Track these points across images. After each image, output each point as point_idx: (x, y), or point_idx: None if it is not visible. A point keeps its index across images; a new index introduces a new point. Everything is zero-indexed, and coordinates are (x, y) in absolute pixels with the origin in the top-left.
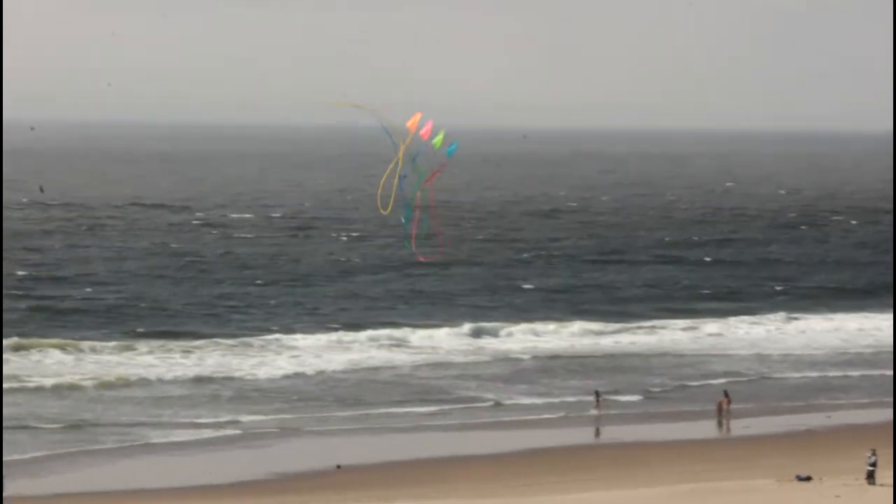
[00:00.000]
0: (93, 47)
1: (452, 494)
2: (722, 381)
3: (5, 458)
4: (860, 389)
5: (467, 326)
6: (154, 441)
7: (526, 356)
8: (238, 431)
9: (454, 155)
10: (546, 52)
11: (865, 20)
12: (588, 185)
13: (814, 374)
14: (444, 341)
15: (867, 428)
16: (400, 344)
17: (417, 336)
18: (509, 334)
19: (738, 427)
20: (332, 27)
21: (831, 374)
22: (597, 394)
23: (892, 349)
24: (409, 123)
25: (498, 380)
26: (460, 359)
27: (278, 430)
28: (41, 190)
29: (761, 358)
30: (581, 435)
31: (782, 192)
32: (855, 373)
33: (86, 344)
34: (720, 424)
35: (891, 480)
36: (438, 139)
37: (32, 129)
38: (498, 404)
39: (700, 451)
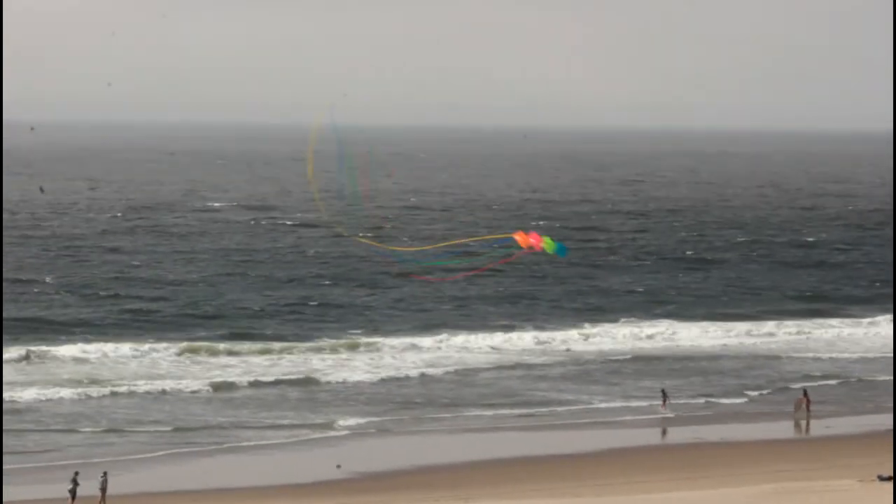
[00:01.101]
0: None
1: (532, 494)
2: (809, 384)
3: (104, 458)
4: None
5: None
6: (243, 444)
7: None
8: (320, 433)
9: (566, 254)
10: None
11: None
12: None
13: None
14: (528, 343)
15: None
16: (472, 347)
17: (496, 339)
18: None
19: (820, 427)
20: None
21: None
22: (664, 393)
23: None
24: (521, 242)
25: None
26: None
27: (360, 431)
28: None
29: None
30: (661, 435)
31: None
32: None
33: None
34: (798, 424)
35: None
36: (549, 245)
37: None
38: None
39: (781, 451)
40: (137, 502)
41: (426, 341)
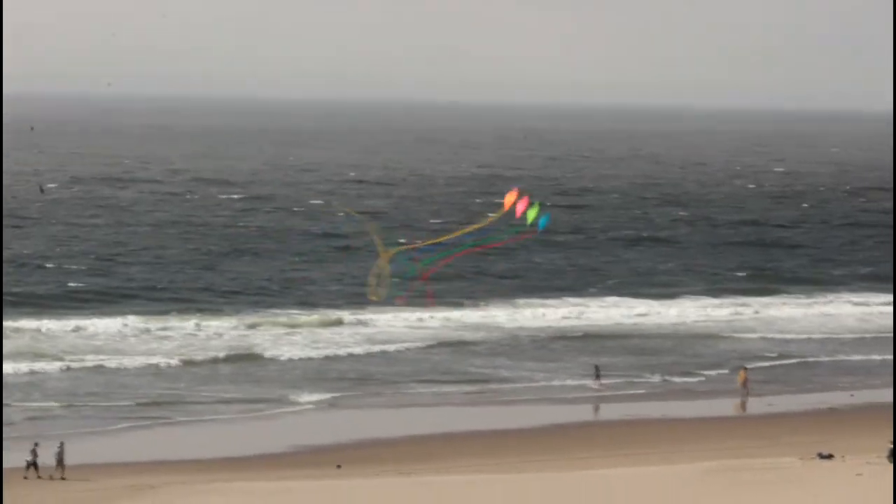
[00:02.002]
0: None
1: (475, 469)
2: (753, 364)
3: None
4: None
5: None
6: (181, 418)
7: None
8: (268, 409)
9: (547, 223)
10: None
11: None
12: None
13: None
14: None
15: (890, 407)
16: (414, 323)
17: (437, 315)
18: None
19: (762, 405)
20: None
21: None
22: (596, 369)
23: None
24: (505, 200)
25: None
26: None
27: (304, 406)
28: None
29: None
30: (605, 411)
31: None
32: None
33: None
34: (740, 401)
35: None
36: (532, 214)
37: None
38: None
39: (722, 429)
40: (94, 472)
41: (369, 317)
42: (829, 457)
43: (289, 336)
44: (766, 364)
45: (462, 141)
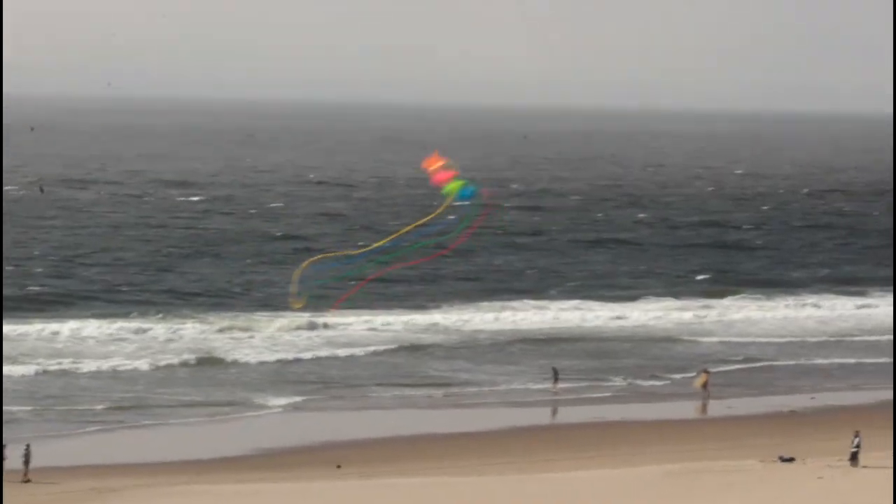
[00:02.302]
0: None
1: (438, 472)
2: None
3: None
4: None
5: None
6: (145, 421)
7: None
8: (230, 412)
9: (472, 196)
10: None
11: None
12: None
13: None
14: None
15: (851, 410)
16: (372, 326)
17: (396, 319)
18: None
19: (723, 408)
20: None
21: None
22: (555, 372)
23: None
24: (426, 164)
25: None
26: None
27: (267, 408)
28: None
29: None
30: (566, 414)
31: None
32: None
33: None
34: (701, 404)
35: (875, 462)
36: (451, 188)
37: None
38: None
39: (683, 431)
40: (58, 475)
41: (330, 320)
42: (791, 460)
43: (250, 339)
44: (727, 367)
45: (420, 141)
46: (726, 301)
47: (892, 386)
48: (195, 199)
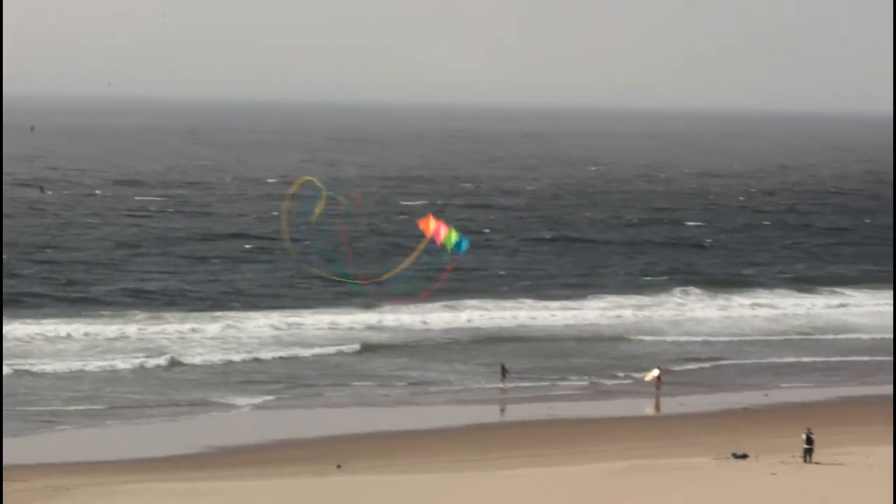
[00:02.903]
0: None
1: (390, 470)
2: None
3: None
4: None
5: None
6: (96, 421)
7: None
8: (177, 407)
9: (468, 248)
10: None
11: None
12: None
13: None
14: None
15: (803, 406)
16: (324, 325)
17: (344, 318)
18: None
19: (675, 405)
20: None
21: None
22: (503, 368)
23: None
24: (422, 226)
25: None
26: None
27: (218, 405)
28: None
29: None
30: (517, 412)
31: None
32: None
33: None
34: (654, 402)
35: (827, 458)
36: (450, 240)
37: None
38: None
39: (636, 429)
40: (10, 474)
41: (284, 319)
42: (744, 456)
43: (203, 338)
44: (679, 366)
45: (372, 140)
46: (678, 299)
47: (854, 383)
48: (141, 198)
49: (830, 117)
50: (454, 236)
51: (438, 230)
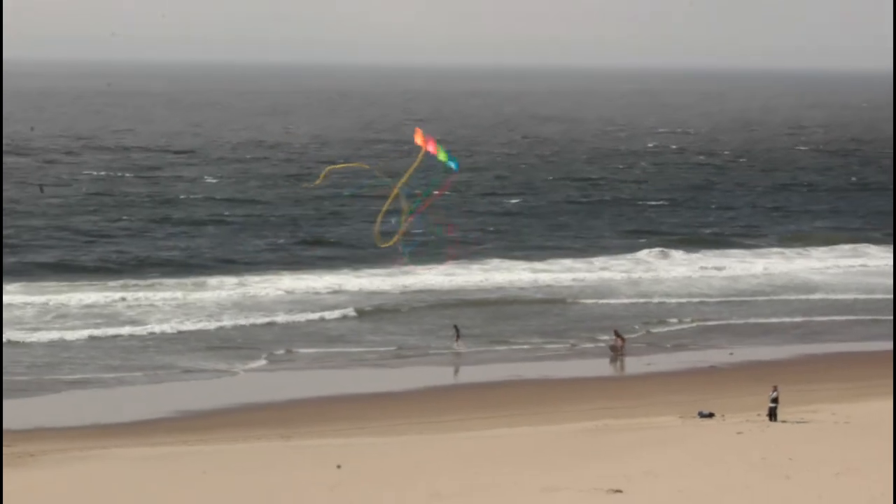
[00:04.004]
0: None
1: (354, 432)
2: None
3: None
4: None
5: None
6: (59, 387)
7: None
8: (141, 373)
9: (457, 168)
10: None
11: None
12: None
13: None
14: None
15: (769, 365)
16: (275, 289)
17: (288, 283)
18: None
19: (641, 365)
20: None
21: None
22: (456, 329)
23: None
24: (417, 139)
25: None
26: None
27: (183, 371)
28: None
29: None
30: (481, 373)
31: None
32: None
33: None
34: (616, 363)
35: (792, 417)
36: (444, 155)
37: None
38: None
39: (602, 389)
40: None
41: (241, 286)
42: (710, 415)
43: (165, 305)
44: (643, 326)
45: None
46: (638, 260)
47: (805, 344)
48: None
49: (805, 73)
50: (444, 153)
51: (433, 143)
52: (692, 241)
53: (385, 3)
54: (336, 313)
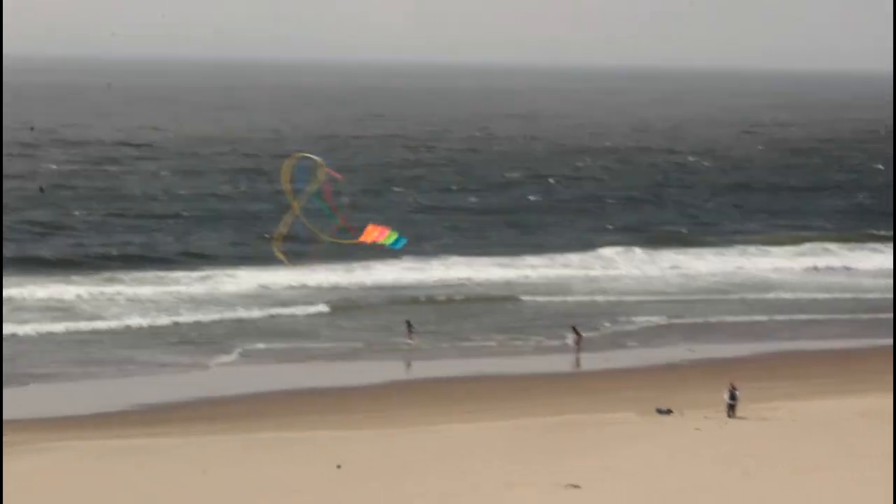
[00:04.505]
0: None
1: (317, 426)
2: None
3: None
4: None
5: None
6: (21, 381)
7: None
8: (100, 367)
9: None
10: None
11: None
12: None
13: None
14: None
15: (728, 362)
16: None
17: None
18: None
19: (600, 361)
20: None
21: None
22: (408, 324)
23: None
24: (363, 237)
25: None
26: None
27: (142, 365)
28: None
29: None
30: (444, 368)
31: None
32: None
33: None
34: (576, 359)
35: (751, 414)
36: (389, 239)
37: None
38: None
39: (559, 385)
40: None
41: (203, 281)
42: (668, 412)
43: (116, 297)
44: (602, 323)
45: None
46: (597, 254)
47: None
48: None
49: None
50: (392, 236)
51: (380, 233)
52: (653, 240)
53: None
54: (297, 309)
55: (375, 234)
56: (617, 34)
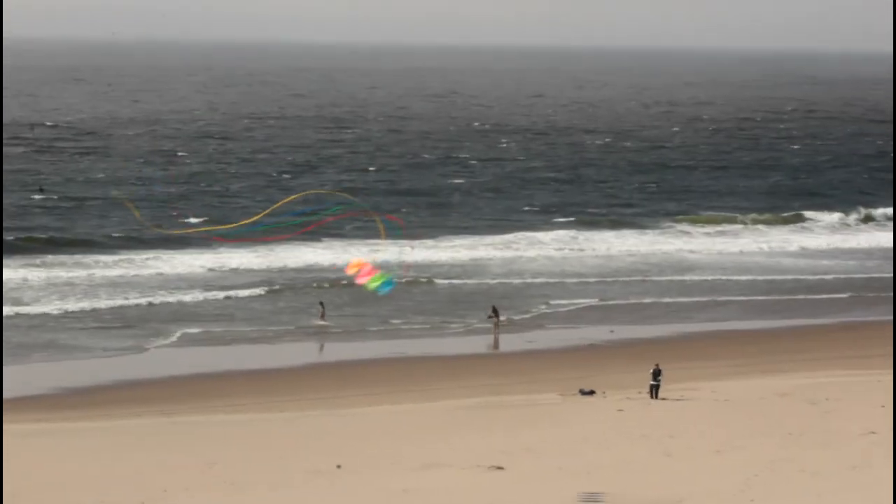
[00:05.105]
0: None
1: (238, 409)
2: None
3: None
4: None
5: None
6: None
7: None
8: (27, 352)
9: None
10: None
11: None
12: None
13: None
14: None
15: (649, 343)
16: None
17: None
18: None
19: (522, 342)
20: None
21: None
22: (321, 305)
23: None
24: (349, 269)
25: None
26: None
27: (64, 348)
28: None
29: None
30: (365, 350)
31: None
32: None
33: None
34: (495, 340)
35: (673, 394)
36: (375, 283)
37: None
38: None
39: (480, 367)
40: None
41: (101, 259)
42: (591, 393)
43: (44, 283)
44: (523, 304)
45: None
46: (509, 237)
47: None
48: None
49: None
50: (380, 279)
51: (366, 273)
52: (573, 221)
53: None
54: (218, 293)
55: (363, 272)
56: (531, 11)
